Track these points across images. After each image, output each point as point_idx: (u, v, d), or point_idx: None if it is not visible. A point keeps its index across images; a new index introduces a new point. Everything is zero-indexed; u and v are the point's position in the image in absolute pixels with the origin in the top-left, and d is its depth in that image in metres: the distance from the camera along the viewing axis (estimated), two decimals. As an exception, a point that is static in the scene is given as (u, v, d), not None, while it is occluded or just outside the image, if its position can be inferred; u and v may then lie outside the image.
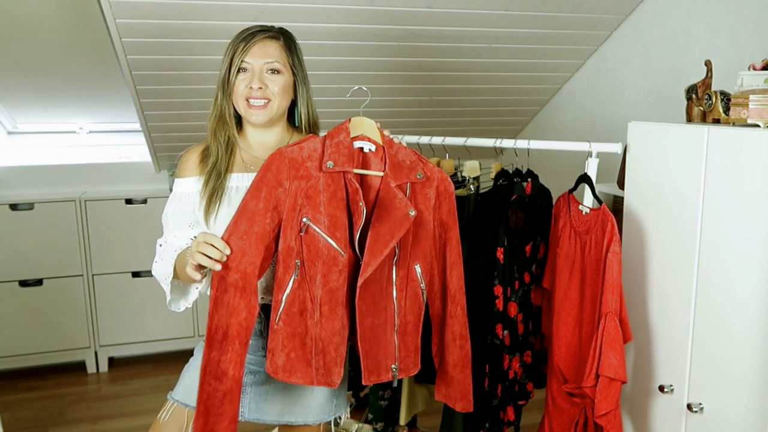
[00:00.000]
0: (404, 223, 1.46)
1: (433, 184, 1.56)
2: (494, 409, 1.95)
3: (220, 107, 1.55)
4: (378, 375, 1.52)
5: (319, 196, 1.44)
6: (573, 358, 1.82)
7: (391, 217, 1.46)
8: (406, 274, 1.52)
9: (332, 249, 1.43)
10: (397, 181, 1.50)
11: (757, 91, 1.48)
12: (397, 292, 1.51)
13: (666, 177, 1.63)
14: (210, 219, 1.51)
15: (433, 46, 2.73)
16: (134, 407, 3.00)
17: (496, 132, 3.46)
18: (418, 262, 1.54)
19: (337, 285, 1.44)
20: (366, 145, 1.52)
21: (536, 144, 2.00)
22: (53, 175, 3.44)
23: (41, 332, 3.23)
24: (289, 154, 1.45)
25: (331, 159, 1.45)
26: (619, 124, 2.69)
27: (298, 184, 1.44)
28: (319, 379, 1.46)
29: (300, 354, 1.45)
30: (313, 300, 1.44)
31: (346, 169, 1.46)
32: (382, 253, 1.43)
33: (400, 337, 1.53)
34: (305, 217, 1.43)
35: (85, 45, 2.80)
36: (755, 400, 1.41)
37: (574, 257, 1.81)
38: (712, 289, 1.50)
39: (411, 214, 1.47)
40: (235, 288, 1.39)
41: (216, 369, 1.39)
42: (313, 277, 1.43)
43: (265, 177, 1.43)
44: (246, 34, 1.53)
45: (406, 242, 1.51)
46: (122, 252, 3.28)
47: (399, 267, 1.51)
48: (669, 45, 2.44)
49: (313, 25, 2.47)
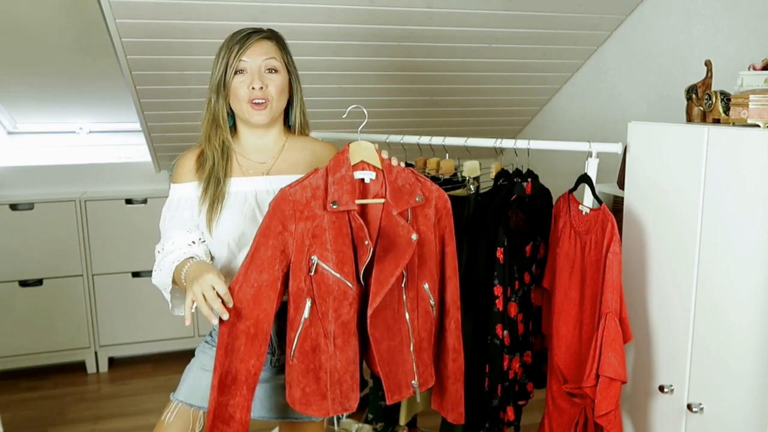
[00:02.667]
0: (408, 250, 1.46)
1: (431, 204, 1.57)
2: (494, 409, 1.95)
3: (214, 111, 1.55)
4: (400, 393, 1.54)
5: (325, 234, 1.45)
6: (573, 358, 1.82)
7: (396, 246, 1.47)
8: (416, 294, 1.54)
9: (342, 284, 1.44)
10: (398, 208, 1.50)
11: (757, 91, 1.48)
12: (409, 313, 1.52)
13: (666, 177, 1.63)
14: (212, 225, 1.52)
15: (433, 46, 2.73)
16: (134, 407, 3.00)
17: (496, 132, 3.46)
18: (426, 281, 1.55)
19: (348, 317, 1.47)
20: (367, 176, 1.51)
21: (536, 144, 2.00)
22: (53, 175, 3.44)
23: (41, 332, 3.23)
24: (292, 196, 1.45)
25: (335, 198, 1.45)
26: (619, 124, 2.69)
27: (304, 226, 1.45)
28: (335, 408, 1.49)
29: (315, 388, 1.48)
30: (326, 335, 1.46)
31: (350, 207, 1.46)
32: (388, 282, 1.44)
33: (416, 354, 1.54)
34: (314, 256, 1.44)
35: (85, 45, 2.80)
36: (755, 400, 1.41)
37: (574, 257, 1.81)
38: (712, 289, 1.50)
39: (413, 239, 1.47)
40: (247, 336, 1.43)
41: (224, 413, 1.44)
42: (326, 313, 1.45)
43: (271, 224, 1.44)
44: (240, 36, 1.53)
45: (413, 265, 1.52)
46: (122, 252, 3.28)
47: (408, 289, 1.52)
48: (669, 45, 2.44)
49: (313, 25, 2.47)
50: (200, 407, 1.56)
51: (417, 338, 1.54)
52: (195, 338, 3.42)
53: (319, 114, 3.10)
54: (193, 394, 1.57)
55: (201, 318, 3.42)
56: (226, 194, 1.54)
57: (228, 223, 1.53)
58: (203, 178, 1.54)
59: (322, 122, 3.08)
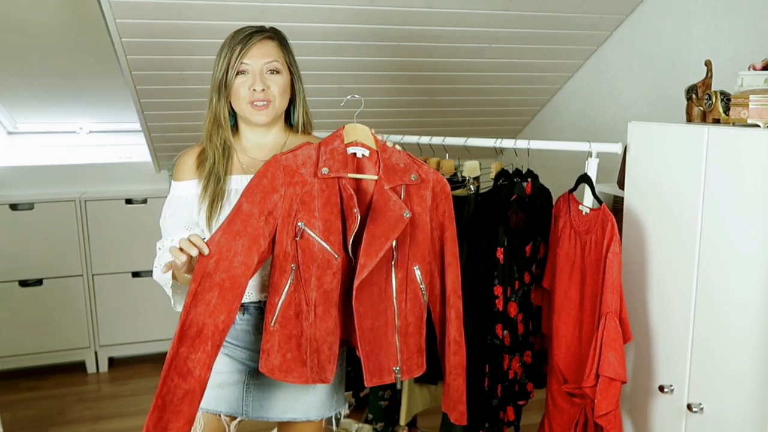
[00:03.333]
0: (399, 225, 1.47)
1: (428, 186, 1.56)
2: (494, 409, 1.95)
3: (215, 110, 1.55)
4: (380, 377, 1.53)
5: (314, 201, 1.45)
6: (573, 358, 1.82)
7: (386, 219, 1.46)
8: (405, 275, 1.53)
9: (326, 252, 1.44)
10: (390, 184, 1.51)
11: (757, 91, 1.48)
12: (396, 294, 1.51)
13: (666, 177, 1.63)
14: (212, 223, 1.52)
15: (433, 46, 2.73)
16: (134, 407, 3.00)
17: (496, 132, 3.46)
18: (417, 264, 1.54)
19: (330, 287, 1.46)
20: (359, 151, 1.53)
21: (536, 144, 2.00)
22: (53, 175, 3.44)
23: (41, 332, 3.23)
24: (284, 162, 1.46)
25: (326, 165, 1.46)
26: (619, 124, 2.69)
27: (293, 190, 1.45)
28: (314, 377, 1.48)
29: (296, 354, 1.47)
30: (308, 302, 1.45)
31: (340, 174, 1.47)
32: (377, 255, 1.44)
33: (401, 338, 1.53)
34: (300, 222, 1.44)
35: (85, 45, 2.80)
36: (755, 400, 1.41)
37: (574, 257, 1.81)
38: (712, 289, 1.50)
39: (406, 215, 1.47)
40: (221, 288, 1.38)
41: (182, 366, 1.35)
42: (308, 280, 1.45)
43: (260, 183, 1.44)
44: (242, 35, 1.52)
45: (404, 244, 1.51)
46: (122, 252, 3.28)
47: (397, 269, 1.51)
48: (669, 45, 2.44)
49: (313, 25, 2.47)
50: (200, 408, 1.56)
51: (403, 322, 1.53)
52: (195, 338, 3.41)
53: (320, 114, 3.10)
54: None
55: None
56: (227, 192, 1.54)
57: None
58: (203, 176, 1.54)
59: (322, 122, 3.08)
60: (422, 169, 1.57)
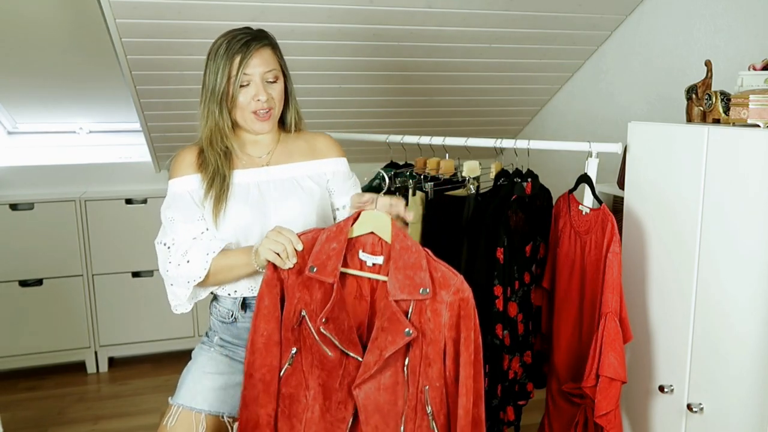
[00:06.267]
0: (398, 341, 1.36)
1: (443, 300, 1.37)
2: (494, 409, 1.95)
3: (218, 123, 1.53)
4: None
5: (315, 289, 1.42)
6: (573, 358, 1.82)
7: (384, 331, 1.37)
8: (416, 398, 1.41)
9: (321, 348, 1.40)
10: (396, 297, 1.37)
11: (757, 91, 1.48)
12: (405, 416, 1.40)
13: (666, 177, 1.63)
14: (219, 218, 1.53)
15: (433, 46, 2.72)
16: (134, 407, 3.00)
17: (496, 132, 3.46)
18: (427, 384, 1.41)
19: (329, 384, 1.42)
20: (371, 259, 1.41)
21: (536, 144, 2.00)
22: (53, 175, 3.44)
23: (41, 332, 3.23)
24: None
25: (314, 262, 1.40)
26: (619, 124, 2.69)
27: (295, 278, 1.43)
28: None
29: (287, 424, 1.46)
30: (307, 388, 1.44)
31: (327, 279, 1.38)
32: (374, 364, 1.36)
33: None
34: (303, 310, 1.42)
35: (85, 45, 2.80)
36: (755, 399, 1.41)
37: (574, 257, 1.81)
38: (712, 289, 1.50)
39: (407, 334, 1.35)
40: (263, 383, 1.44)
41: None
42: (309, 368, 1.44)
43: (273, 276, 1.43)
44: (239, 44, 1.50)
45: (414, 363, 1.40)
46: (122, 252, 3.28)
47: (410, 385, 1.40)
48: (669, 45, 2.44)
49: (312, 24, 2.47)
50: (202, 410, 1.55)
51: None
52: (195, 338, 3.42)
53: (320, 114, 3.10)
54: (194, 397, 1.56)
55: (200, 318, 3.44)
56: (230, 185, 1.55)
57: (234, 214, 1.54)
58: (207, 177, 1.54)
59: (323, 122, 3.08)
60: (443, 276, 1.38)
